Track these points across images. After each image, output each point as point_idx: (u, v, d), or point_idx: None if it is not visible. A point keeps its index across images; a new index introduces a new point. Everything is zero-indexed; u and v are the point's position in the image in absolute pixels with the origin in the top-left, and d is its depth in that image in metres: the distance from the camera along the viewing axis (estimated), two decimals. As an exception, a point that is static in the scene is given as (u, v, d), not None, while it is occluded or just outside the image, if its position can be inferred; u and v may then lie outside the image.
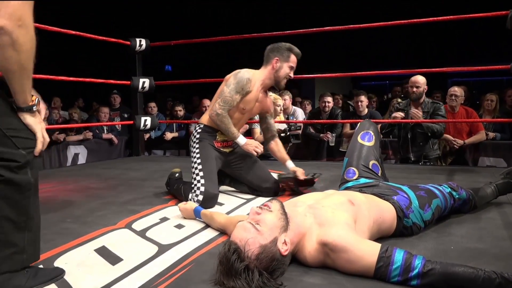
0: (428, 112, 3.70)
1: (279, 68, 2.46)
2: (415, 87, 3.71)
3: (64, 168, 4.23)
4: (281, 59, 2.47)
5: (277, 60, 2.46)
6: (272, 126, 2.67)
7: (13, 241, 1.24)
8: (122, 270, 1.43)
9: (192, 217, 2.00)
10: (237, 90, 2.39)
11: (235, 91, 2.38)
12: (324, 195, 1.65)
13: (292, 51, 2.48)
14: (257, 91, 2.48)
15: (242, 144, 2.43)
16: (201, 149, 2.42)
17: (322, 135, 4.79)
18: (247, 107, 2.47)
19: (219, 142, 2.49)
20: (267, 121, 2.64)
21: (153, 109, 5.93)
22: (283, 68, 2.47)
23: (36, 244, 1.34)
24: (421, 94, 3.71)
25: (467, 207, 1.99)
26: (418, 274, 1.23)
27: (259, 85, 2.48)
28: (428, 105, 3.73)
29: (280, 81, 2.49)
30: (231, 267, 1.22)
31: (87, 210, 2.21)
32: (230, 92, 2.39)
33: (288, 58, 2.47)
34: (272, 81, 2.50)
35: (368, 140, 2.02)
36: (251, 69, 2.50)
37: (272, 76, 2.48)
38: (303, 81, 10.33)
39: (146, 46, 4.28)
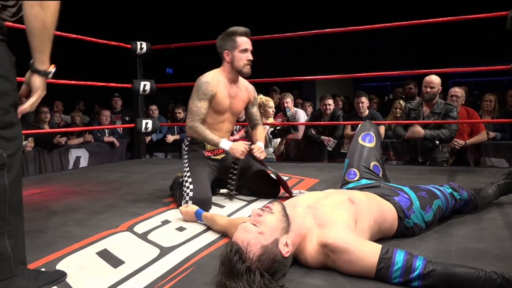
0: (440, 113, 3.63)
1: (232, 59, 2.40)
2: (429, 87, 3.65)
3: (65, 171, 4.24)
4: (230, 49, 2.39)
5: (227, 53, 2.41)
6: (254, 114, 2.63)
7: None
8: (124, 273, 1.44)
9: (194, 219, 2.01)
10: (199, 97, 2.36)
11: (198, 99, 2.37)
12: (323, 195, 1.65)
13: (235, 34, 2.39)
14: (225, 88, 2.42)
15: (227, 149, 2.38)
16: (189, 159, 2.42)
17: (323, 138, 4.79)
18: (221, 107, 2.43)
19: (209, 151, 2.47)
20: (249, 110, 2.61)
21: (154, 112, 5.95)
22: (236, 56, 2.38)
23: (22, 249, 1.31)
24: (435, 95, 3.66)
25: (468, 208, 1.99)
26: (419, 275, 1.23)
27: (225, 82, 2.43)
28: (441, 106, 3.66)
29: (241, 69, 2.40)
30: (233, 268, 1.22)
31: (89, 213, 2.22)
32: (193, 102, 2.37)
33: (235, 43, 2.38)
34: (235, 73, 2.43)
35: (369, 141, 2.02)
36: (212, 70, 2.46)
37: (231, 69, 2.42)
38: (304, 83, 10.34)
39: (147, 49, 4.29)
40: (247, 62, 2.40)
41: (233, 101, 2.48)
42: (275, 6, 9.48)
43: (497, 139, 4.31)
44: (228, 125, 2.54)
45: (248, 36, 2.42)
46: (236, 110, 2.54)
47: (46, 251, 1.63)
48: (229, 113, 2.50)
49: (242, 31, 2.39)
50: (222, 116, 2.48)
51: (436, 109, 3.66)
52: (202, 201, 2.18)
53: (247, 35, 2.41)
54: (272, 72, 4.68)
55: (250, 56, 2.41)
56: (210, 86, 2.37)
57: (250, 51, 2.41)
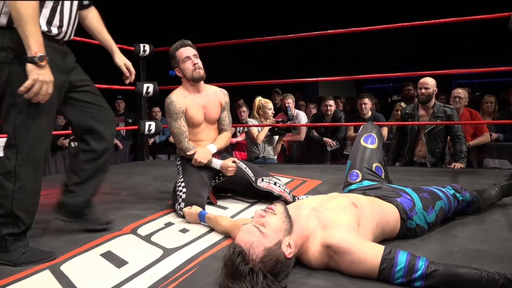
0: (441, 117, 3.57)
1: (182, 72, 2.45)
2: (423, 89, 3.62)
3: (69, 174, 4.26)
4: (176, 65, 2.46)
5: (177, 70, 2.47)
6: (222, 119, 2.59)
7: None
8: (128, 273, 1.45)
9: (197, 221, 2.02)
10: (173, 118, 2.40)
11: (173, 120, 2.41)
12: (327, 198, 1.66)
13: (173, 52, 2.45)
14: (193, 101, 2.45)
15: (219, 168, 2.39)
16: (183, 168, 2.43)
17: (325, 139, 4.80)
18: (196, 120, 2.45)
19: None
20: (220, 116, 2.58)
21: (157, 113, 5.97)
22: (183, 68, 2.43)
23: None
24: (430, 96, 3.62)
25: (471, 209, 1.99)
26: (422, 275, 1.23)
27: (190, 95, 2.46)
28: (440, 109, 3.60)
29: (192, 76, 2.43)
30: (236, 270, 1.23)
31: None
32: (171, 125, 2.42)
33: (178, 58, 2.44)
34: (192, 83, 2.46)
35: (371, 142, 2.02)
36: (176, 89, 2.50)
37: (188, 81, 2.47)
38: (307, 85, 10.35)
39: (150, 52, 4.31)
40: (193, 67, 2.42)
41: (206, 111, 2.49)
42: (276, 8, 9.50)
43: (500, 140, 4.30)
44: (207, 133, 2.53)
45: (184, 45, 2.44)
46: (212, 117, 2.53)
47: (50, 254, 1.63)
48: (205, 123, 2.51)
49: (177, 46, 2.45)
50: (199, 127, 2.48)
51: (437, 112, 3.60)
52: (195, 204, 2.14)
53: (182, 45, 2.44)
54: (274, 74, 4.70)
55: (194, 61, 2.43)
56: (178, 104, 2.40)
57: (193, 55, 2.44)
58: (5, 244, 1.55)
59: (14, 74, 1.49)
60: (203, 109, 2.48)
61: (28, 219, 1.59)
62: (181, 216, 2.14)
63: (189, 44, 2.46)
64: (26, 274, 1.47)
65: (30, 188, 1.57)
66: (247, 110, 5.69)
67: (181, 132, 2.41)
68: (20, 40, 1.44)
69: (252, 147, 4.47)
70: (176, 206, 2.22)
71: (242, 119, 5.57)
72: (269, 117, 4.48)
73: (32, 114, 1.53)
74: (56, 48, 1.63)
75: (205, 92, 2.53)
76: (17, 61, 1.49)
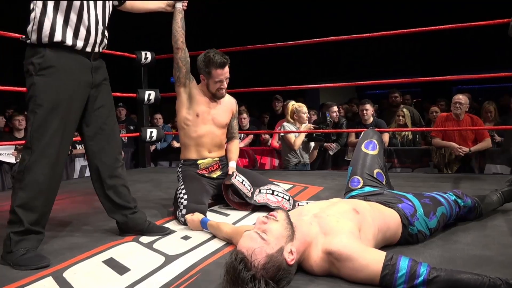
0: None
1: (207, 84, 2.46)
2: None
3: (71, 180, 4.27)
4: (205, 76, 2.45)
5: (203, 78, 2.48)
6: (233, 128, 2.64)
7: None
8: (130, 280, 1.45)
9: (199, 228, 2.02)
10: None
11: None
12: (329, 204, 1.66)
13: (210, 65, 2.39)
14: (201, 96, 2.48)
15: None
16: (183, 176, 2.43)
17: (326, 144, 4.81)
18: (200, 112, 2.45)
19: (203, 169, 2.47)
20: (230, 123, 2.62)
21: (159, 120, 5.99)
22: (211, 84, 2.44)
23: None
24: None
25: (472, 215, 1.99)
26: (424, 281, 1.23)
27: (202, 92, 2.49)
28: None
29: (214, 93, 2.47)
30: (238, 277, 1.23)
31: (95, 224, 2.22)
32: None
33: (210, 74, 2.41)
34: (209, 92, 2.49)
35: (372, 149, 2.03)
36: None
37: (205, 88, 2.49)
38: (308, 91, 10.36)
39: (151, 59, 4.33)
40: (219, 88, 2.45)
41: (215, 112, 2.50)
42: (276, 15, 9.54)
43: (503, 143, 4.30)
44: (213, 138, 2.50)
45: (224, 66, 2.41)
46: (220, 121, 2.52)
47: (52, 262, 1.64)
48: (212, 125, 2.50)
49: (217, 64, 2.39)
50: (205, 127, 2.47)
51: None
52: (196, 211, 2.13)
53: (222, 66, 2.41)
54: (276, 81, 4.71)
55: (224, 85, 2.45)
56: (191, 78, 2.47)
57: (226, 78, 2.45)
58: (9, 243, 1.63)
59: (37, 84, 1.65)
60: (210, 110, 2.49)
61: (30, 218, 1.64)
62: (183, 223, 2.15)
63: (228, 63, 2.44)
64: (29, 280, 1.48)
65: (35, 188, 1.64)
66: (248, 117, 5.71)
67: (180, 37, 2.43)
68: (44, 56, 1.65)
69: (288, 153, 4.34)
70: (177, 213, 2.22)
71: (243, 125, 5.59)
72: (304, 121, 4.34)
73: (48, 119, 1.65)
74: (82, 62, 1.75)
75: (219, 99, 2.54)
76: (40, 73, 1.65)
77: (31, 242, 1.65)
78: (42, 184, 1.66)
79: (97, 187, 1.92)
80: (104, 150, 1.87)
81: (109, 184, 1.89)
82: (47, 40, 1.65)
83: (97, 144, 1.87)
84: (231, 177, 2.36)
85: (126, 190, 1.95)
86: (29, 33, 1.67)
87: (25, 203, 1.64)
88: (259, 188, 2.43)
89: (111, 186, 1.90)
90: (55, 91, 1.66)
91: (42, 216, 1.69)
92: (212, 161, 2.51)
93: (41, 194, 1.67)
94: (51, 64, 1.66)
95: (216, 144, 2.53)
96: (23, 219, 1.63)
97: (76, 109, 1.74)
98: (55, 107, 1.66)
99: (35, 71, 1.65)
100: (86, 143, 1.87)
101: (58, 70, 1.67)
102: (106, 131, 1.88)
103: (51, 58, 1.66)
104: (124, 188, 1.94)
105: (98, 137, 1.86)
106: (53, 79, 1.66)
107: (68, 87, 1.69)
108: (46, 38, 1.65)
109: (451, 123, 4.07)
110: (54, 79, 1.66)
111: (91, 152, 1.88)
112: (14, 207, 1.64)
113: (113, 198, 1.91)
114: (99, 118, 1.86)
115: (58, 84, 1.67)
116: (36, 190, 1.65)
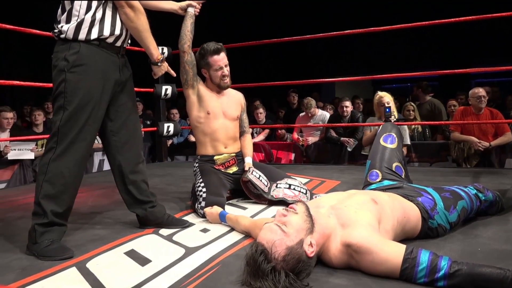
0: None
1: (210, 76, 2.48)
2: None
3: (91, 174, 4.34)
4: (206, 68, 2.47)
5: (204, 71, 2.49)
6: (243, 121, 2.65)
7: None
8: (151, 271, 1.48)
9: (218, 221, 2.04)
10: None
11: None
12: (346, 195, 1.66)
13: (205, 54, 2.43)
14: (209, 92, 2.50)
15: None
16: (200, 170, 2.44)
17: (343, 139, 4.78)
18: (211, 109, 2.47)
19: (220, 165, 2.50)
20: (241, 117, 2.64)
21: (176, 115, 6.03)
22: (212, 74, 2.47)
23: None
24: None
25: (493, 209, 1.96)
26: (445, 275, 1.23)
27: (209, 89, 2.51)
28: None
29: (219, 84, 2.49)
30: (258, 268, 1.24)
31: (115, 216, 2.27)
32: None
33: (208, 64, 2.44)
34: (214, 84, 2.51)
35: (391, 142, 2.01)
36: None
37: (211, 82, 2.51)
38: (323, 85, 10.30)
39: (168, 54, 4.35)
40: (222, 76, 2.46)
41: (225, 105, 2.53)
42: (291, 9, 9.48)
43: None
44: (227, 131, 2.53)
45: (219, 52, 2.43)
46: (231, 113, 2.55)
47: (76, 253, 1.68)
48: (224, 118, 2.52)
49: (212, 51, 2.42)
50: (217, 122, 2.50)
51: None
52: (215, 203, 2.16)
53: (217, 52, 2.42)
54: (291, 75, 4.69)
55: (225, 72, 2.46)
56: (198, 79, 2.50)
57: (225, 65, 2.46)
58: (34, 235, 1.67)
59: (68, 81, 1.67)
60: (220, 104, 2.52)
61: (54, 210, 1.68)
62: (202, 215, 2.17)
63: (223, 50, 2.46)
64: (54, 270, 1.52)
65: (60, 181, 1.68)
66: (264, 111, 5.71)
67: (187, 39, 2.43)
68: (79, 53, 1.68)
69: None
70: (196, 205, 2.24)
71: (259, 120, 5.60)
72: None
73: (77, 117, 1.68)
74: (112, 60, 1.79)
75: (226, 91, 2.57)
76: (73, 70, 1.67)
77: (55, 234, 1.69)
78: (66, 178, 1.69)
79: (119, 182, 1.95)
80: (127, 145, 1.90)
81: (131, 179, 1.92)
82: (84, 36, 1.68)
83: (120, 140, 1.89)
84: (247, 173, 2.38)
85: (146, 186, 1.98)
86: (65, 29, 1.68)
87: (50, 196, 1.67)
88: (276, 182, 2.44)
89: (133, 182, 1.92)
90: (86, 90, 1.69)
91: (65, 209, 1.72)
92: (229, 156, 2.52)
93: (65, 187, 1.70)
94: (85, 62, 1.68)
95: (230, 137, 2.55)
96: (47, 211, 1.66)
97: (103, 106, 1.78)
98: (85, 105, 1.69)
99: (68, 68, 1.67)
100: (109, 138, 1.89)
101: (91, 68, 1.70)
102: (129, 126, 1.91)
103: (86, 56, 1.69)
104: (144, 184, 1.97)
105: (122, 132, 1.89)
106: (84, 77, 1.69)
107: (98, 85, 1.73)
108: (84, 35, 1.68)
109: (470, 117, 4.01)
110: (86, 77, 1.69)
111: (114, 147, 1.90)
112: (39, 199, 1.68)
113: (134, 193, 1.94)
114: (123, 114, 1.89)
115: (89, 83, 1.70)
116: (61, 183, 1.68)
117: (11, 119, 4.54)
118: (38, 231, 1.66)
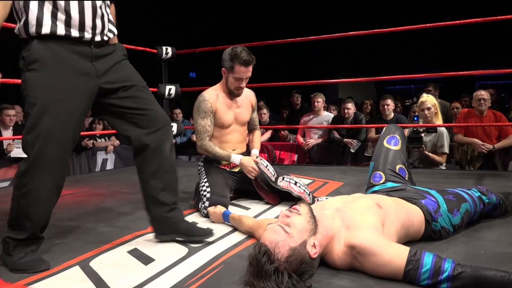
0: None
1: (227, 78, 2.43)
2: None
3: (94, 173, 4.36)
4: (228, 70, 2.40)
5: (224, 71, 2.43)
6: (253, 120, 2.67)
7: None
8: (154, 270, 1.48)
9: (221, 221, 2.04)
10: (201, 116, 2.41)
11: (200, 118, 2.42)
12: (351, 199, 1.66)
13: (234, 60, 2.35)
14: (225, 102, 2.47)
15: (238, 163, 2.42)
16: (206, 170, 2.45)
17: (346, 140, 4.78)
18: (225, 121, 2.46)
19: (225, 165, 2.51)
20: (251, 116, 2.64)
21: (179, 115, 6.04)
22: (230, 80, 2.41)
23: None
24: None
25: (497, 212, 1.96)
26: (448, 277, 1.23)
27: (224, 95, 2.48)
28: None
29: (231, 90, 2.45)
30: (261, 269, 1.25)
31: (119, 215, 2.28)
32: (197, 122, 2.43)
33: (232, 69, 2.37)
34: (227, 88, 2.47)
35: (395, 144, 2.01)
36: (214, 86, 2.52)
37: (225, 86, 2.47)
38: (326, 86, 10.29)
39: (172, 54, 4.37)
40: (238, 87, 2.43)
41: (237, 114, 2.52)
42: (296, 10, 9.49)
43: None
44: (237, 135, 2.55)
45: (248, 65, 2.37)
46: (243, 119, 2.56)
47: (79, 251, 1.69)
48: (234, 124, 2.53)
49: (242, 61, 2.34)
50: (228, 128, 2.50)
51: None
52: (219, 204, 2.17)
53: (246, 64, 2.36)
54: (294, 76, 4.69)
55: (242, 84, 2.43)
56: (209, 103, 2.42)
57: (246, 77, 2.42)
58: (7, 247, 1.55)
59: (28, 81, 1.52)
60: (234, 112, 2.51)
61: (31, 227, 1.55)
62: (205, 215, 2.18)
63: (252, 64, 2.39)
64: (57, 270, 1.52)
65: (35, 196, 1.53)
66: (268, 112, 5.72)
67: (205, 131, 2.43)
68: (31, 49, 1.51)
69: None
70: (200, 205, 2.25)
71: (263, 121, 5.60)
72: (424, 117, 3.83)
73: (42, 120, 1.49)
74: (79, 51, 1.56)
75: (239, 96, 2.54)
76: (30, 68, 1.51)
77: (30, 246, 1.57)
78: (40, 191, 1.53)
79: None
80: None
81: None
82: (34, 31, 1.50)
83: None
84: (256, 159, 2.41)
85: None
86: (20, 28, 1.53)
87: (25, 212, 1.53)
88: (282, 176, 2.45)
89: None
90: (46, 87, 1.51)
91: (42, 223, 1.59)
92: None
93: (40, 202, 1.55)
94: (38, 57, 1.51)
95: (239, 141, 2.57)
96: (23, 227, 1.54)
97: (77, 105, 1.57)
98: (47, 106, 1.50)
99: (25, 66, 1.52)
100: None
101: (48, 63, 1.51)
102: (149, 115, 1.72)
103: (38, 51, 1.51)
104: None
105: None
106: (43, 73, 1.51)
107: (61, 81, 1.52)
108: (33, 29, 1.50)
109: (474, 119, 4.00)
110: (44, 73, 1.51)
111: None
112: (14, 214, 1.55)
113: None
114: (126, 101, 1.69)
115: (50, 79, 1.51)
116: (35, 197, 1.53)
117: (14, 116, 4.51)
118: (11, 244, 1.54)
